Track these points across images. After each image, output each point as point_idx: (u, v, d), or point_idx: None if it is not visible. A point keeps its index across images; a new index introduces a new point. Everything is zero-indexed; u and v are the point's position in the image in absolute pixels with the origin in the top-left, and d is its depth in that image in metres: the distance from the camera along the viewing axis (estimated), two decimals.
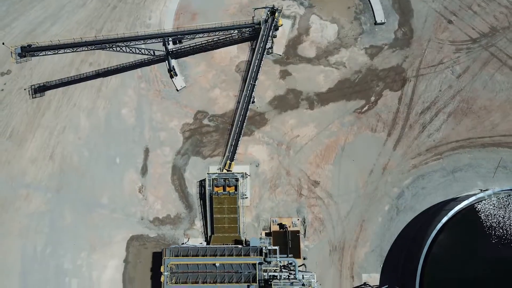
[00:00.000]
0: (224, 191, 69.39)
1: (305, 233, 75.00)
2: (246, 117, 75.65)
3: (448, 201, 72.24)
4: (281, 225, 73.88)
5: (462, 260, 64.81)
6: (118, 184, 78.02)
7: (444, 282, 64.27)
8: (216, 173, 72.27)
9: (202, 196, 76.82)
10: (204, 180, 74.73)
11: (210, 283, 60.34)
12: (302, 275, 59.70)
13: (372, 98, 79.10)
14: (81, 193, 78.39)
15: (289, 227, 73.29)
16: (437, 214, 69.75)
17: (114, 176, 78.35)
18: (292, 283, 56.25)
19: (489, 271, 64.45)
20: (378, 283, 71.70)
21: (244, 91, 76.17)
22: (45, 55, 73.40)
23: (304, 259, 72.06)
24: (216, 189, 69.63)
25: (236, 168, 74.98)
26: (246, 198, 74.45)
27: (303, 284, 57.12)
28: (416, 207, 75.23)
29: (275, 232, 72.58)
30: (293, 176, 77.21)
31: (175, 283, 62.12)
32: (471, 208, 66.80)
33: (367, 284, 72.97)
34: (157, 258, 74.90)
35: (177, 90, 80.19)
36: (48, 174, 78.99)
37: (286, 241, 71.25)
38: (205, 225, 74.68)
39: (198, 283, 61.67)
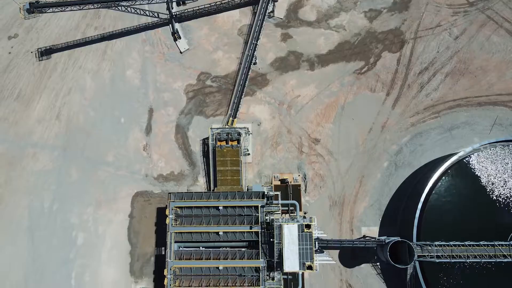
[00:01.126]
0: (227, 144, 73.49)
1: (305, 188, 79.48)
2: (248, 76, 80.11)
3: (445, 157, 76.63)
4: (282, 180, 78.31)
5: (458, 209, 68.80)
6: (123, 143, 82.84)
7: (441, 229, 68.31)
8: (219, 127, 76.73)
9: (205, 153, 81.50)
10: (207, 138, 79.47)
11: (213, 225, 64.35)
12: (303, 216, 64.13)
13: (371, 60, 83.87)
14: (87, 152, 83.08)
15: (290, 182, 77.51)
16: (435, 167, 74.00)
17: (119, 135, 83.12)
18: (293, 219, 60.39)
19: (484, 221, 68.23)
20: (377, 236, 75.99)
21: (246, 51, 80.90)
22: (53, 12, 78.21)
23: (304, 213, 76.39)
24: (219, 143, 73.83)
25: (238, 125, 79.26)
26: (248, 154, 78.80)
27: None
28: (414, 163, 79.85)
29: (276, 186, 77.41)
30: (294, 134, 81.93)
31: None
32: (467, 159, 70.62)
33: (365, 237, 77.13)
34: (161, 213, 79.45)
35: (181, 52, 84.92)
36: (54, 134, 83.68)
37: (288, 194, 75.38)
38: (208, 182, 79.65)
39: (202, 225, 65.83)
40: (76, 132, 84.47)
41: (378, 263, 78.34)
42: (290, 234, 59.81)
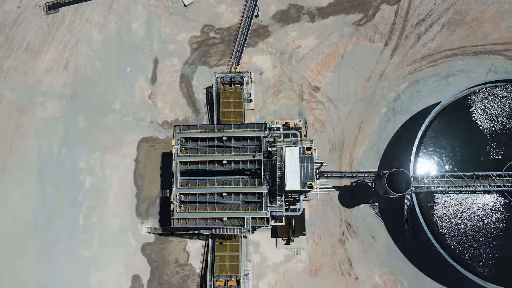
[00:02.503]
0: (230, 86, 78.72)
1: (306, 133, 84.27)
2: (251, 27, 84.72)
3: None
4: (284, 125, 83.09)
5: (454, 144, 74.13)
6: (129, 91, 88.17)
7: (437, 163, 73.11)
8: (222, 72, 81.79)
9: (208, 101, 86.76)
10: (211, 86, 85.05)
11: (217, 154, 69.01)
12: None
13: (370, 12, 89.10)
14: (94, 100, 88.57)
15: (292, 126, 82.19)
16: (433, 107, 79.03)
17: (125, 84, 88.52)
18: (294, 142, 65.42)
19: (479, 154, 75.78)
20: (374, 184, 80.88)
21: (248, 3, 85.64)
22: None
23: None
24: (222, 86, 78.67)
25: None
26: (251, 101, 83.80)
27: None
28: (412, 108, 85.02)
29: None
30: (295, 82, 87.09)
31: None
32: (464, 97, 78.72)
33: (364, 179, 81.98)
34: (166, 158, 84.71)
35: (185, 6, 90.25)
36: (62, 83, 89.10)
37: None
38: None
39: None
40: (83, 81, 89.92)
41: (376, 203, 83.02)
42: (291, 156, 65.00)
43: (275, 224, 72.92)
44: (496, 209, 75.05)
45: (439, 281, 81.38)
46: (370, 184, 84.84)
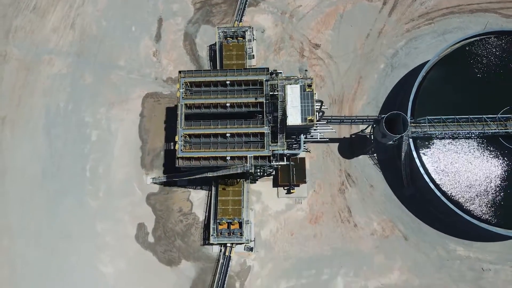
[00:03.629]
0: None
1: None
2: None
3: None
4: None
5: (452, 91, 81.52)
6: (134, 49, 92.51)
7: (434, 108, 78.55)
8: (225, 26, 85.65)
9: (211, 58, 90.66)
10: (214, 44, 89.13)
11: (221, 97, 73.03)
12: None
13: None
14: (99, 57, 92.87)
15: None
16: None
17: (130, 42, 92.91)
18: (296, 80, 69.27)
19: (476, 99, 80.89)
20: (373, 131, 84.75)
21: None
22: None
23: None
24: (225, 39, 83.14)
25: None
26: (252, 57, 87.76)
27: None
28: (409, 64, 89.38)
29: None
30: (295, 40, 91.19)
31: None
32: (461, 48, 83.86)
33: (363, 131, 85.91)
34: (170, 112, 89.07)
35: None
36: (69, 42, 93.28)
37: None
38: None
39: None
40: (90, 40, 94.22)
41: (375, 155, 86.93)
42: (293, 93, 68.99)
43: (277, 164, 76.14)
44: (491, 153, 78.47)
45: (435, 226, 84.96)
46: (368, 136, 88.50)
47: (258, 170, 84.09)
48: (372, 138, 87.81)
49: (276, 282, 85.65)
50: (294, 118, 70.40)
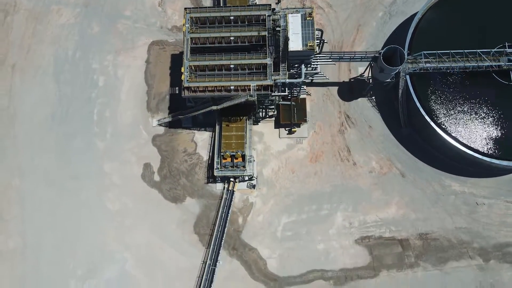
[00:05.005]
0: None
1: None
2: None
3: None
4: None
5: (449, 28, 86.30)
6: (140, 0, 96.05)
7: (429, 46, 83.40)
8: None
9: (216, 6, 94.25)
10: None
11: (225, 31, 77.47)
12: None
13: None
14: (106, 8, 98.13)
15: None
16: None
17: None
18: (296, 11, 73.57)
19: (473, 36, 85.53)
20: (371, 74, 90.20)
21: None
22: None
23: None
24: None
25: None
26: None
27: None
28: (407, 11, 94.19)
29: None
30: None
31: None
32: None
33: (362, 75, 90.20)
34: (175, 59, 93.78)
35: None
36: None
37: None
38: None
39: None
40: None
41: (373, 97, 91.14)
42: (294, 22, 73.28)
43: (279, 95, 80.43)
44: (485, 88, 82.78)
45: (431, 163, 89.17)
46: (367, 80, 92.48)
47: (261, 107, 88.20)
48: (371, 81, 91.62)
49: (278, 217, 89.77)
50: (295, 44, 74.82)
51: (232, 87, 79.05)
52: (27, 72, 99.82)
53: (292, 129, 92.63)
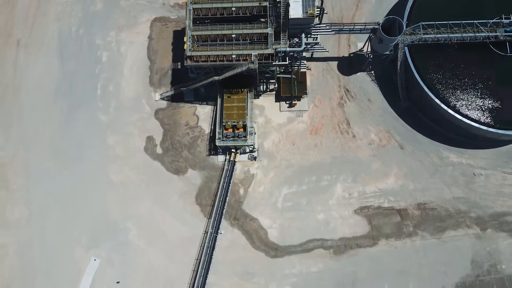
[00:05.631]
0: None
1: None
2: None
3: None
4: None
5: (444, 4, 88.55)
6: None
7: (428, 17, 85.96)
8: None
9: None
10: None
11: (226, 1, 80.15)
12: None
13: None
14: None
15: None
16: None
17: None
18: None
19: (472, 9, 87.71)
20: (370, 48, 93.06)
21: None
22: None
23: None
24: None
25: None
26: None
27: None
28: None
29: None
30: None
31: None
32: None
33: (361, 50, 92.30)
34: (177, 35, 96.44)
35: None
36: None
37: None
38: None
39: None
40: None
41: (372, 72, 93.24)
42: None
43: (279, 65, 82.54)
44: (482, 60, 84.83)
45: (429, 136, 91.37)
46: (366, 55, 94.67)
47: (262, 81, 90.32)
48: (370, 56, 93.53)
49: (278, 188, 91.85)
50: (295, 11, 77.16)
51: (233, 56, 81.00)
52: (32, 48, 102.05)
53: (293, 102, 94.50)
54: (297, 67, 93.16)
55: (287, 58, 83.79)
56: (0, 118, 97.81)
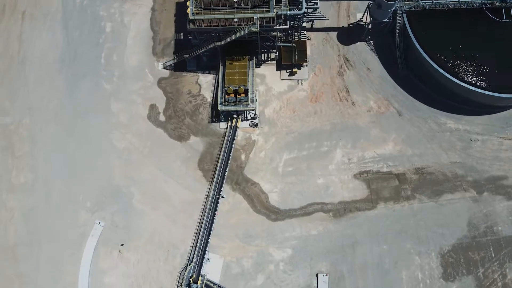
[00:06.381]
0: None
1: None
2: None
3: None
4: None
5: None
6: None
7: None
8: None
9: None
10: None
11: None
12: None
13: None
14: None
15: None
16: None
17: None
18: None
19: None
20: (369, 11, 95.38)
21: None
22: None
23: None
24: None
25: None
26: None
27: None
28: None
29: None
30: None
31: None
32: None
33: (361, 20, 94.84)
34: (180, 6, 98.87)
35: None
36: None
37: None
38: None
39: None
40: None
41: (371, 41, 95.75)
42: None
43: (280, 29, 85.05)
44: (479, 25, 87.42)
45: (427, 103, 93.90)
46: (365, 25, 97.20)
47: (263, 50, 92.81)
48: (369, 25, 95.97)
49: (279, 154, 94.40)
50: None
51: (235, 20, 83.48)
52: (36, 19, 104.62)
53: (293, 70, 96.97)
54: (297, 37, 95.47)
55: (287, 22, 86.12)
56: (5, 86, 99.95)
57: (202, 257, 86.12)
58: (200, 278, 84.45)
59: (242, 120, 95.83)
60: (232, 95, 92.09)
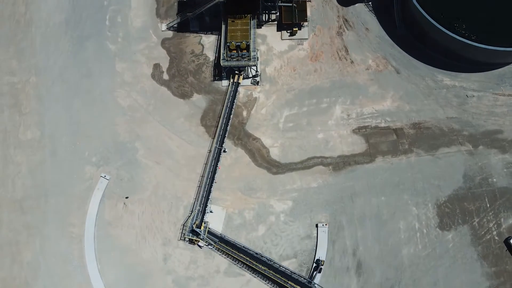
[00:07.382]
0: None
1: None
2: None
3: None
4: None
5: None
6: None
7: None
8: None
9: None
10: None
11: None
12: None
13: None
14: None
15: None
16: None
17: None
18: None
19: None
20: None
21: None
22: None
23: None
24: None
25: None
26: None
27: None
28: None
29: None
30: None
31: None
32: None
33: None
34: None
35: None
36: None
37: None
38: None
39: None
40: None
41: (370, 3, 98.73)
42: None
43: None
44: None
45: (424, 61, 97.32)
46: None
47: (264, 12, 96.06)
48: None
49: (280, 110, 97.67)
50: None
51: None
52: None
53: (294, 29, 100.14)
54: None
55: None
56: (12, 46, 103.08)
57: (205, 205, 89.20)
58: (203, 225, 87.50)
59: (244, 78, 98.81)
60: (235, 51, 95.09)
